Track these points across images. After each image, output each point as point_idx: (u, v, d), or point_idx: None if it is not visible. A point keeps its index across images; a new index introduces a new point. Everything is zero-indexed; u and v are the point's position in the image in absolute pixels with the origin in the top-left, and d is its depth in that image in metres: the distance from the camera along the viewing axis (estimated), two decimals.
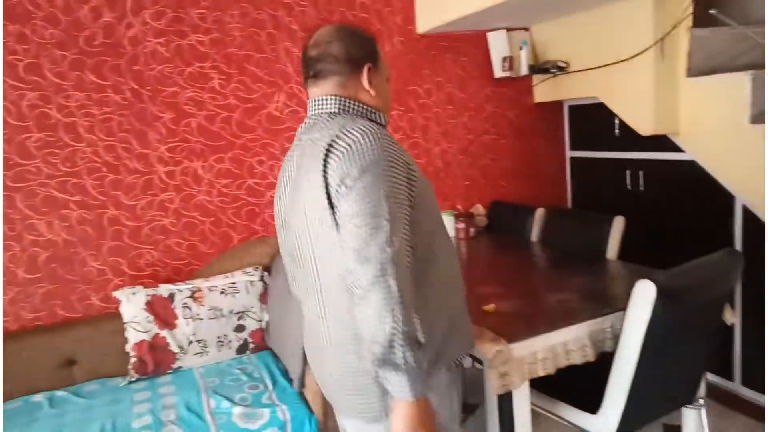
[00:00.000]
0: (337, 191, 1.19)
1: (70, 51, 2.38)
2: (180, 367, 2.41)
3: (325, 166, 1.21)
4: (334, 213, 1.20)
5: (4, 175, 2.32)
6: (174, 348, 2.39)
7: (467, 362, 2.92)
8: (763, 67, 2.38)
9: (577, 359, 1.70)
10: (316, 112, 1.34)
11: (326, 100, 1.33)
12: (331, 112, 1.32)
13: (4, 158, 2.32)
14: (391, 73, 1.49)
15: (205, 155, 2.66)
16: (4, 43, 2.28)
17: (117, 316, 2.43)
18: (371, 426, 1.32)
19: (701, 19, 2.47)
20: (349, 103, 1.33)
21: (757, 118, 2.26)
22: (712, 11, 2.35)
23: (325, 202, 1.21)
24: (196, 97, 2.61)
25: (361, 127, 1.23)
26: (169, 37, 2.54)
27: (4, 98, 2.30)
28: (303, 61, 1.36)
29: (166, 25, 2.52)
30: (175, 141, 2.60)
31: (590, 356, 1.72)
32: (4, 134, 2.31)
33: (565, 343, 1.69)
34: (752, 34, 2.36)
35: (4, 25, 2.27)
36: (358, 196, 1.16)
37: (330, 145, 1.22)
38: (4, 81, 2.30)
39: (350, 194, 1.17)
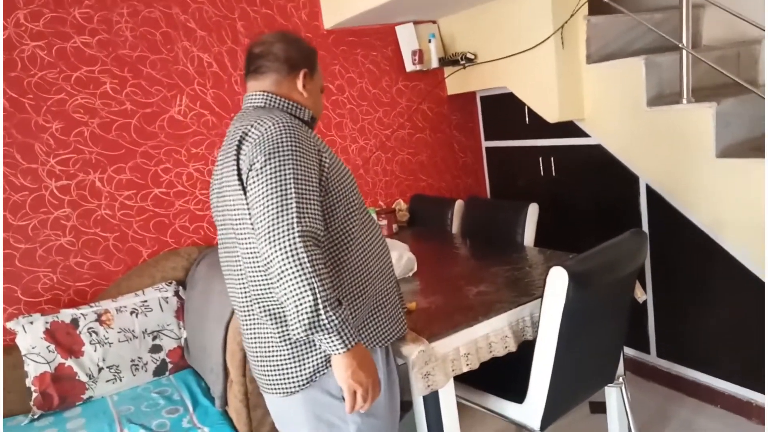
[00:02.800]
0: (247, 176, 1.28)
1: None
2: (91, 397, 2.23)
3: (238, 152, 1.32)
4: (246, 197, 1.29)
5: None
6: (82, 377, 2.21)
7: (399, 360, 2.92)
8: (655, 51, 2.49)
9: (499, 351, 1.70)
10: (247, 105, 1.46)
11: (256, 95, 1.45)
12: (256, 106, 1.44)
13: None
14: (324, 88, 1.60)
15: (102, 166, 2.46)
16: None
17: (14, 348, 2.21)
18: (285, 400, 1.41)
19: (596, 7, 2.55)
20: (276, 98, 1.44)
21: (652, 101, 2.37)
22: None
23: (239, 186, 1.31)
24: (86, 103, 2.41)
25: (274, 117, 1.32)
26: (50, 39, 2.32)
27: None
28: (246, 57, 1.48)
29: (44, 27, 2.30)
30: (66, 152, 2.39)
31: (512, 347, 1.73)
32: None
33: (487, 336, 1.69)
34: (643, 21, 2.46)
35: None
36: (265, 180, 1.24)
37: (244, 134, 1.32)
38: None
39: (258, 178, 1.25)
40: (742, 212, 2.09)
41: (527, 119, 2.99)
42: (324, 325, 1.19)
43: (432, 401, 1.64)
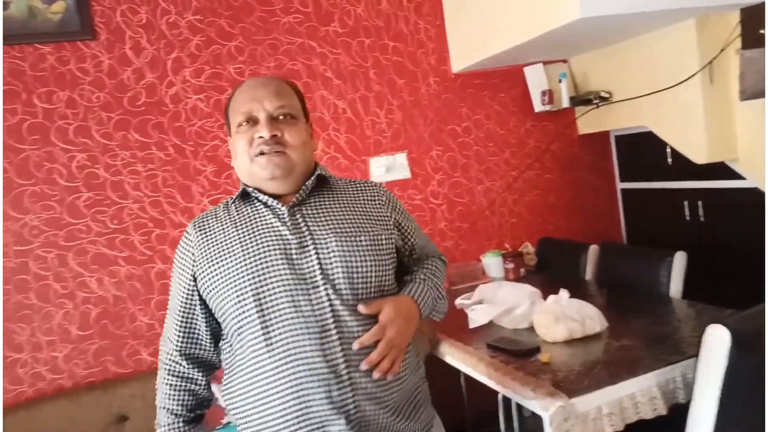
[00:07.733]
0: None
1: (116, 112, 2.46)
2: (229, 422, 2.36)
3: None
4: None
5: (56, 234, 2.38)
6: (222, 403, 2.34)
7: (527, 410, 2.76)
8: None
9: (647, 413, 1.56)
10: None
11: None
12: None
13: (56, 218, 2.38)
14: (251, 141, 1.17)
15: None
16: (54, 109, 2.39)
17: None
18: None
19: (750, 39, 2.35)
20: None
21: None
22: (762, 31, 2.24)
23: None
24: None
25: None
26: (209, 92, 2.59)
27: (56, 161, 2.39)
28: None
29: (205, 82, 2.59)
30: (217, 193, 2.63)
31: (661, 409, 1.57)
32: (55, 195, 2.39)
33: (633, 396, 1.55)
34: None
35: (54, 91, 2.38)
36: None
37: None
38: (55, 145, 2.39)
39: None
40: None
41: (669, 159, 2.79)
42: None
43: None
